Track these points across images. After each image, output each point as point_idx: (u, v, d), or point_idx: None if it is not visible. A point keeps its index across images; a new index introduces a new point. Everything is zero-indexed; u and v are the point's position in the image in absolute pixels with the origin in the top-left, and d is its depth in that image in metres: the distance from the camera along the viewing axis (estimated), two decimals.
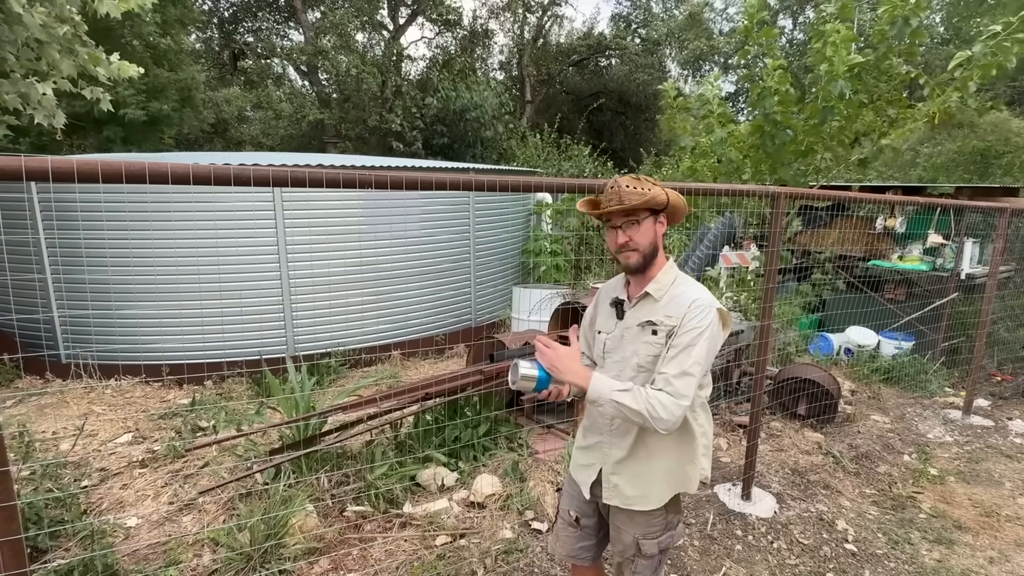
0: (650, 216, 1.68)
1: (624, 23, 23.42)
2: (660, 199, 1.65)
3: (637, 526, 1.78)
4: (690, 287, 1.70)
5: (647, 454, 1.74)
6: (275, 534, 2.78)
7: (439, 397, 3.79)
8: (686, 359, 1.58)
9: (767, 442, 4.37)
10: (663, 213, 1.71)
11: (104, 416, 4.63)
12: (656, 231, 1.70)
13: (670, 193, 1.68)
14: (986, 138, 12.88)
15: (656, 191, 1.64)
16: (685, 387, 1.55)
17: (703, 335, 1.59)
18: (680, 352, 1.59)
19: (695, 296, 1.65)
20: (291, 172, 1.81)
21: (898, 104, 4.94)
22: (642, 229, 1.67)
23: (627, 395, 1.54)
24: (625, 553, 1.82)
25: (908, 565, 3.00)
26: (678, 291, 1.69)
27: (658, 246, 1.71)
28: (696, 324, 1.60)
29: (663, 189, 1.67)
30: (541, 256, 7.94)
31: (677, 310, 1.64)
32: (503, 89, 16.14)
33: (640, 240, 1.67)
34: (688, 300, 1.64)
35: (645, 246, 1.68)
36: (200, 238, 5.35)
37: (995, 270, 4.87)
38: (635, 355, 1.71)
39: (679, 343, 1.60)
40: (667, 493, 1.77)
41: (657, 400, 1.53)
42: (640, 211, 1.65)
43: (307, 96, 19.31)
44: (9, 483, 1.52)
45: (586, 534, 1.95)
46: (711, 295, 1.69)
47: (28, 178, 1.47)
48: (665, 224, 1.72)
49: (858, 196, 3.80)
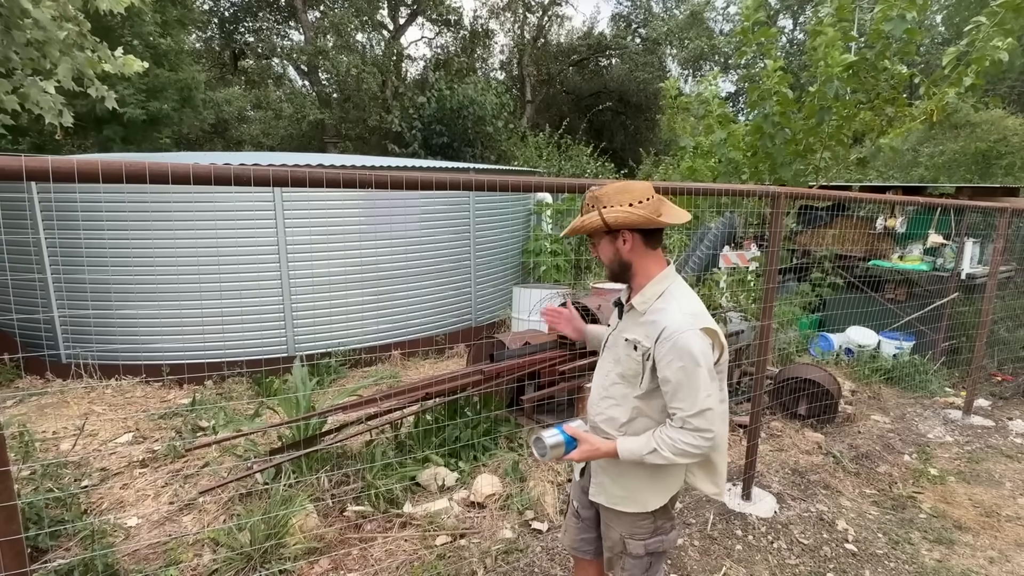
0: (605, 236, 1.67)
1: (624, 23, 23.42)
2: (589, 226, 1.63)
3: (623, 525, 1.79)
4: (671, 307, 1.60)
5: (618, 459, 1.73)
6: (275, 534, 2.78)
7: (439, 397, 3.79)
8: (694, 398, 1.54)
9: (767, 442, 4.37)
10: (624, 232, 1.63)
11: (104, 416, 4.63)
12: (617, 249, 1.66)
13: (619, 214, 1.59)
14: (987, 138, 12.88)
15: (588, 219, 1.62)
16: (705, 423, 1.55)
17: (696, 366, 1.53)
18: (683, 389, 1.54)
19: (668, 323, 1.56)
20: (291, 172, 1.81)
21: (896, 103, 4.94)
22: (600, 248, 1.69)
23: (655, 455, 1.59)
24: (613, 549, 1.83)
25: (908, 565, 3.00)
26: (658, 308, 1.62)
27: (626, 261, 1.67)
28: (679, 358, 1.53)
29: (621, 206, 1.59)
30: (541, 256, 7.94)
31: (652, 332, 1.59)
32: (503, 89, 16.13)
33: (602, 256, 1.71)
34: (661, 326, 1.57)
35: (608, 262, 1.71)
36: (200, 238, 5.35)
37: (995, 270, 4.87)
38: (618, 363, 1.72)
39: (674, 381, 1.55)
40: (653, 499, 1.75)
41: (682, 441, 1.56)
42: (591, 232, 1.68)
43: (307, 96, 19.33)
44: (9, 483, 1.52)
45: (586, 526, 1.96)
46: (693, 315, 1.59)
47: (28, 178, 1.47)
48: (630, 241, 1.64)
49: (858, 196, 3.80)
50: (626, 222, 1.61)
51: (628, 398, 1.69)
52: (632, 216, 1.59)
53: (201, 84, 13.37)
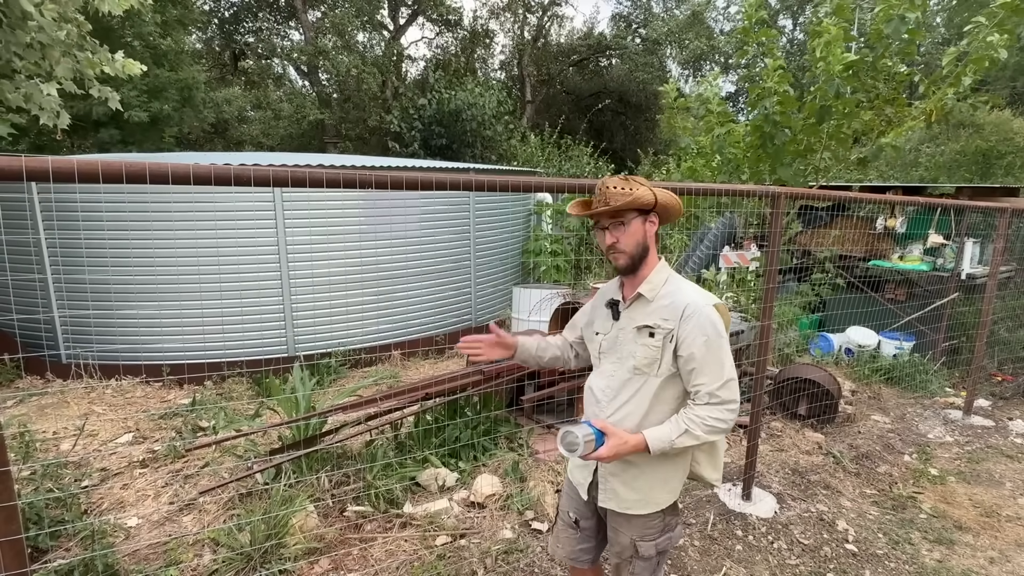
0: (638, 216, 1.66)
1: (624, 23, 23.42)
2: (645, 199, 1.63)
3: (634, 528, 1.77)
4: (683, 288, 1.68)
5: (643, 459, 1.71)
6: (275, 534, 2.78)
7: (439, 397, 3.79)
8: (719, 369, 1.60)
9: (767, 442, 4.37)
10: (653, 213, 1.69)
11: (104, 416, 4.63)
12: (646, 231, 1.69)
13: (659, 192, 1.66)
14: (988, 138, 12.89)
15: (642, 191, 1.62)
16: (731, 393, 1.60)
17: (719, 338, 1.60)
18: (708, 364, 1.60)
19: (688, 300, 1.63)
20: (291, 172, 1.81)
21: (896, 104, 4.95)
22: (630, 230, 1.66)
23: (686, 436, 1.58)
24: (622, 555, 1.80)
25: (908, 565, 3.00)
26: (671, 291, 1.67)
27: (648, 246, 1.70)
28: (703, 332, 1.60)
29: (651, 189, 1.65)
30: (541, 256, 7.94)
31: (673, 313, 1.63)
32: (502, 88, 16.13)
33: (627, 241, 1.66)
34: (682, 304, 1.63)
35: (632, 247, 1.67)
36: (200, 238, 5.35)
37: (995, 270, 4.87)
38: (631, 357, 1.70)
39: (699, 356, 1.60)
40: (665, 498, 1.76)
41: (711, 416, 1.58)
42: (627, 212, 1.64)
43: (307, 96, 19.33)
44: (9, 483, 1.52)
45: (585, 536, 1.94)
46: (704, 293, 1.68)
47: (28, 178, 1.47)
48: (656, 223, 1.71)
49: (858, 196, 3.80)
50: (667, 200, 1.68)
51: (644, 391, 1.68)
52: (671, 197, 1.68)
53: (201, 84, 13.37)
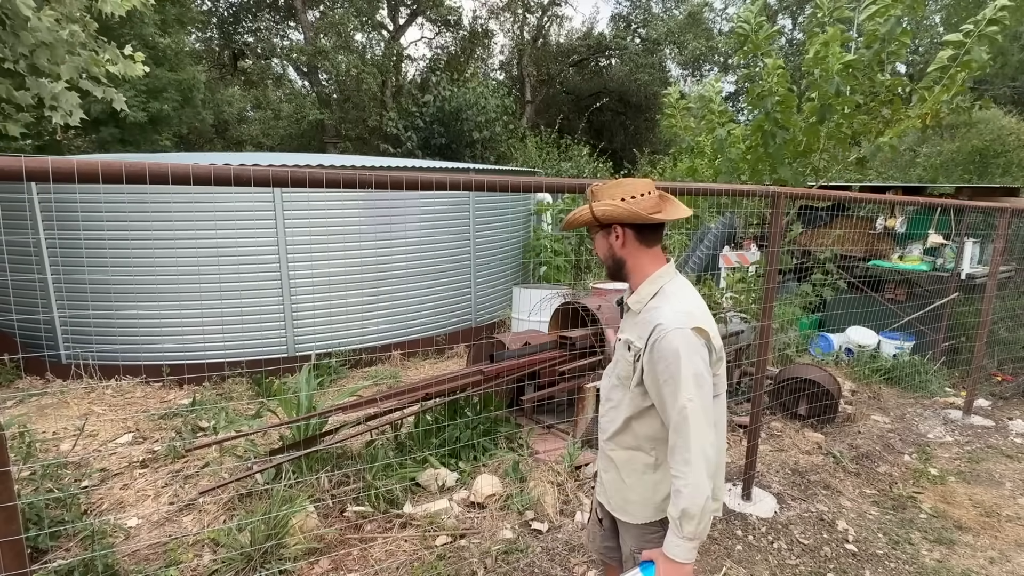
0: (599, 230, 1.67)
1: (624, 23, 23.41)
2: (580, 220, 1.65)
3: (632, 537, 1.74)
4: (665, 306, 1.55)
5: (616, 465, 1.72)
6: (275, 534, 2.78)
7: (439, 397, 3.79)
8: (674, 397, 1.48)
9: (767, 442, 4.37)
10: (615, 226, 1.62)
11: (104, 416, 4.63)
12: (610, 244, 1.64)
13: (608, 207, 1.58)
14: (984, 137, 12.91)
15: (578, 213, 1.65)
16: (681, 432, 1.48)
17: (680, 372, 1.46)
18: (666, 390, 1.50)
19: (659, 320, 1.52)
20: (291, 172, 1.81)
21: (893, 105, 4.96)
22: (596, 242, 1.69)
23: (690, 523, 1.45)
24: (627, 564, 1.78)
25: (909, 565, 3.00)
26: (652, 308, 1.58)
27: (620, 258, 1.65)
28: (662, 360, 1.48)
29: (609, 203, 1.58)
30: (543, 256, 7.95)
31: (644, 333, 1.55)
32: (501, 87, 16.14)
33: (598, 252, 1.71)
34: (651, 327, 1.52)
35: (603, 259, 1.70)
36: (200, 238, 5.35)
37: (995, 270, 4.87)
38: (617, 364, 1.71)
39: (660, 382, 1.50)
40: (644, 513, 1.68)
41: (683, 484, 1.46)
42: (588, 226, 1.68)
43: (307, 96, 19.32)
44: (9, 483, 1.52)
45: (608, 535, 1.92)
46: (683, 314, 1.52)
47: (28, 178, 1.47)
48: (622, 237, 1.62)
49: (858, 196, 3.81)
50: (612, 215, 1.59)
51: (624, 403, 1.66)
52: (618, 210, 1.58)
53: (201, 85, 13.38)
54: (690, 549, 1.48)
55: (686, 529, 1.46)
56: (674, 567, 1.49)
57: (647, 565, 1.57)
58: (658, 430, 1.60)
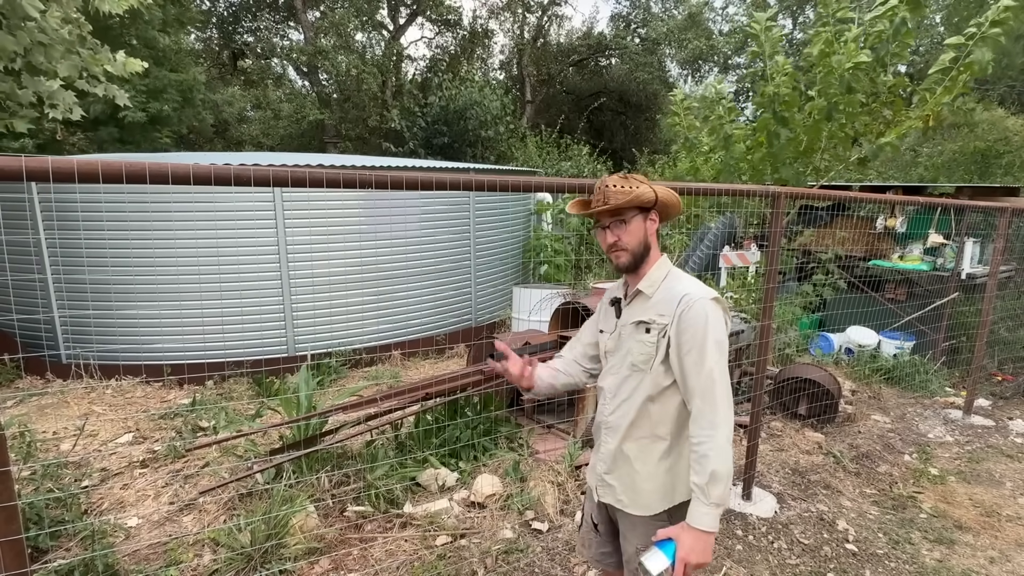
0: (639, 214, 1.66)
1: (624, 23, 23.41)
2: (646, 197, 1.62)
3: (638, 536, 1.70)
4: (682, 281, 1.66)
5: (629, 458, 1.70)
6: (276, 534, 2.78)
7: (439, 397, 3.79)
8: (701, 364, 1.53)
9: (767, 442, 4.37)
10: (653, 211, 1.68)
11: (105, 416, 4.63)
12: (647, 229, 1.68)
13: (659, 189, 1.65)
14: (986, 138, 12.90)
15: (642, 189, 1.62)
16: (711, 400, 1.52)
17: (707, 338, 1.53)
18: (694, 353, 1.54)
19: (684, 291, 1.60)
20: (291, 172, 1.81)
21: (895, 106, 4.96)
22: (630, 228, 1.65)
23: (718, 486, 1.48)
24: (629, 564, 1.75)
25: (909, 565, 3.00)
26: (670, 285, 1.65)
27: (650, 244, 1.69)
28: (695, 322, 1.54)
29: (651, 186, 1.64)
30: (543, 255, 7.95)
31: (669, 307, 1.60)
32: (503, 90, 16.14)
33: (628, 240, 1.66)
34: (679, 295, 1.59)
35: (634, 245, 1.66)
36: (200, 238, 5.35)
37: (995, 270, 4.87)
38: (629, 354, 1.69)
39: (686, 348, 1.55)
40: (658, 502, 1.68)
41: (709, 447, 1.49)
42: (627, 210, 1.64)
43: (307, 96, 19.31)
44: (10, 483, 1.52)
45: (604, 540, 1.91)
46: (704, 287, 1.64)
47: (28, 178, 1.47)
48: (657, 221, 1.70)
49: (858, 196, 3.80)
50: (667, 198, 1.67)
51: (640, 390, 1.66)
52: (669, 196, 1.67)
53: (202, 85, 13.38)
54: (716, 516, 1.49)
55: (713, 494, 1.48)
56: (701, 537, 1.49)
57: (666, 543, 1.54)
58: (675, 409, 1.65)
